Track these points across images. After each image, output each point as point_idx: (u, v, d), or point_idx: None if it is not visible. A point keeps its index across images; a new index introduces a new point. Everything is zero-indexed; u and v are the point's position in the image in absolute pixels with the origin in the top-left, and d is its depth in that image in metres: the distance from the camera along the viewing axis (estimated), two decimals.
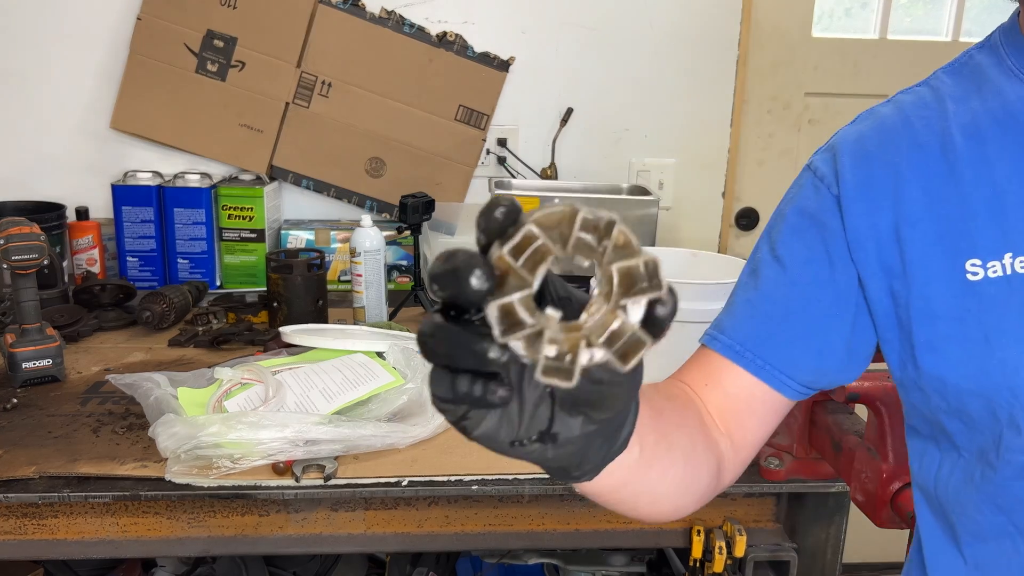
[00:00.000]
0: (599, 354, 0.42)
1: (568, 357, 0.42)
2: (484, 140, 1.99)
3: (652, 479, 0.67)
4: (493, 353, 0.42)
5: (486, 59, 1.96)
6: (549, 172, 2.02)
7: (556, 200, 1.56)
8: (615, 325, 0.42)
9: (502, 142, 2.01)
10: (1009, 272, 0.67)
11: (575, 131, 2.03)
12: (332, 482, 1.08)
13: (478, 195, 2.02)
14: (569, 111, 2.01)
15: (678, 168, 2.09)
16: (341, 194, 2.00)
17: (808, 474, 1.13)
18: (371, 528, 1.13)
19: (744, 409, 0.78)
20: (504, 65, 1.97)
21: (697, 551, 1.16)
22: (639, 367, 0.46)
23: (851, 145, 0.76)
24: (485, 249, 0.44)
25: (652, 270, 0.42)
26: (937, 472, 0.78)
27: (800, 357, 0.76)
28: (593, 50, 2.01)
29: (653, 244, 1.57)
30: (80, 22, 1.90)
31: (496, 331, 0.42)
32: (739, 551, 1.13)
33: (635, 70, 2.03)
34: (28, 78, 1.91)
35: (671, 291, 0.43)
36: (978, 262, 0.68)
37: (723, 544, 1.14)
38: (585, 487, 0.61)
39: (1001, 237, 0.68)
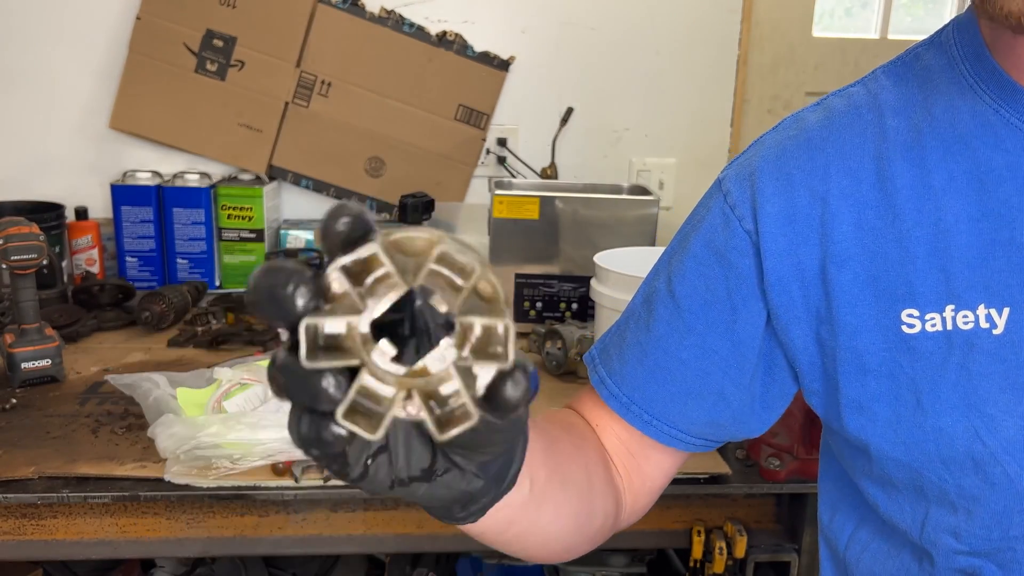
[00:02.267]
0: (415, 412, 0.36)
1: (383, 405, 0.36)
2: (484, 140, 1.99)
3: (543, 519, 0.59)
4: (325, 383, 0.35)
5: (486, 59, 1.96)
6: (549, 172, 2.01)
7: (556, 201, 1.55)
8: (448, 388, 0.36)
9: (502, 142, 2.01)
10: (950, 327, 0.58)
11: (575, 131, 2.03)
12: (332, 483, 1.08)
13: (478, 195, 2.02)
14: (569, 111, 2.01)
15: (678, 168, 2.09)
16: (341, 194, 2.00)
17: (808, 474, 1.13)
18: (371, 529, 1.13)
19: (639, 456, 0.71)
20: (504, 65, 1.97)
21: (697, 552, 1.15)
22: (522, 411, 0.38)
23: (772, 166, 0.64)
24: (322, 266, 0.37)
25: (504, 336, 0.35)
26: (851, 536, 0.70)
27: (693, 412, 0.68)
28: (593, 50, 2.01)
29: (653, 244, 1.57)
30: (79, 22, 1.89)
31: (301, 352, 0.35)
32: (740, 552, 1.13)
33: (635, 70, 2.02)
34: (27, 78, 1.91)
35: (524, 370, 0.36)
36: (915, 313, 0.59)
37: (723, 545, 1.14)
38: (470, 528, 0.54)
39: (943, 286, 0.58)
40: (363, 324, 0.36)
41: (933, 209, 0.59)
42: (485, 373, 0.36)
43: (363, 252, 0.35)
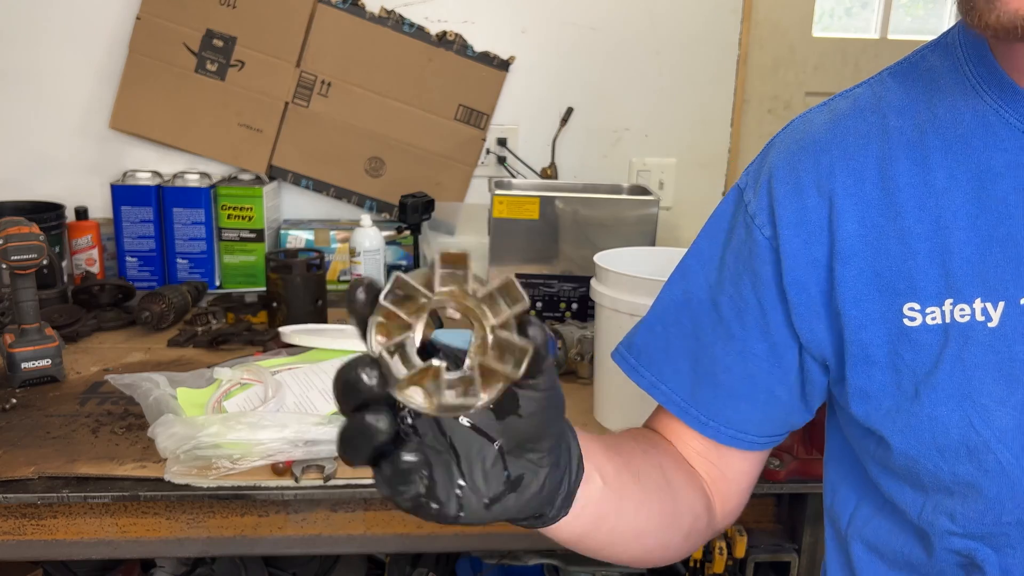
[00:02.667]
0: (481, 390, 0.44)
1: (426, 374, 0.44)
2: (484, 140, 1.99)
3: (627, 513, 0.64)
4: (382, 424, 0.44)
5: (486, 59, 1.96)
6: (549, 172, 2.01)
7: (556, 201, 1.55)
8: (492, 320, 0.44)
9: (502, 142, 2.01)
10: (948, 320, 0.60)
11: (575, 131, 2.03)
12: (332, 483, 1.08)
13: (478, 195, 2.02)
14: (569, 111, 2.01)
15: (678, 168, 2.09)
16: (341, 194, 2.00)
17: (809, 474, 1.13)
18: (371, 529, 1.13)
19: (718, 462, 0.74)
20: (504, 65, 1.97)
21: (697, 552, 1.15)
22: (555, 384, 0.49)
23: (783, 171, 0.68)
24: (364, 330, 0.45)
25: (515, 284, 0.44)
26: (853, 513, 0.72)
27: (747, 413, 0.71)
28: (593, 50, 2.01)
29: (653, 244, 1.57)
30: (79, 22, 1.89)
31: (397, 375, 0.44)
32: (739, 552, 1.13)
33: (635, 70, 2.02)
34: (27, 78, 1.91)
35: (537, 322, 0.45)
36: (916, 307, 0.61)
37: (723, 545, 1.14)
38: (563, 532, 0.59)
39: (943, 280, 0.60)
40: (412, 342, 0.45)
41: (934, 207, 0.61)
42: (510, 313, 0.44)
43: (389, 285, 0.44)
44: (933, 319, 0.61)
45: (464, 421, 0.48)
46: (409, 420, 0.49)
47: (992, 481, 0.59)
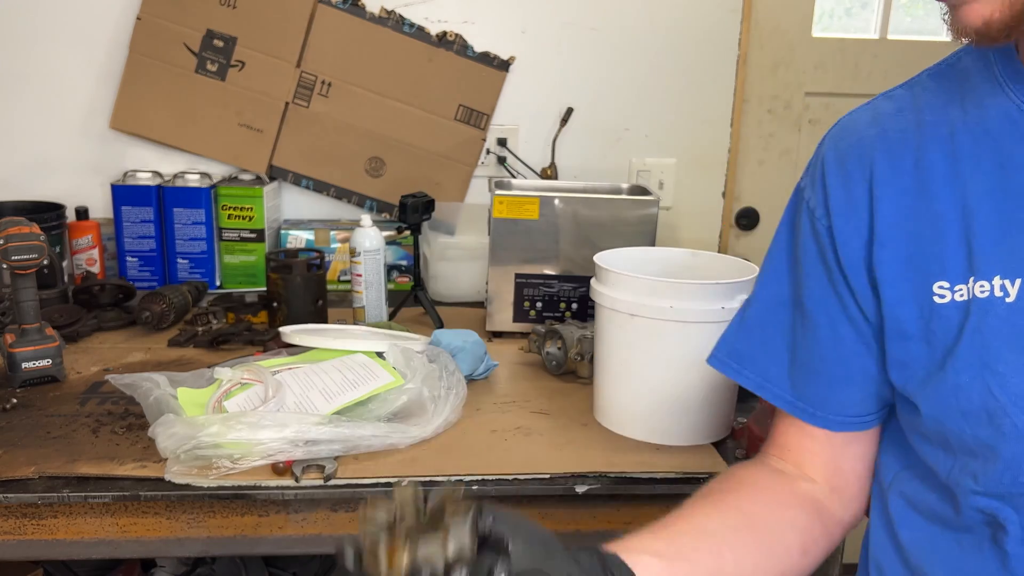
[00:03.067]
0: None
1: None
2: (484, 140, 1.99)
3: (706, 564, 0.71)
4: None
5: (486, 59, 1.96)
6: (549, 172, 2.02)
7: (556, 201, 1.55)
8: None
9: (502, 142, 2.01)
10: (970, 296, 0.67)
11: (575, 131, 2.03)
12: (332, 482, 1.08)
13: (478, 195, 2.02)
14: (569, 111, 2.01)
15: (678, 168, 2.09)
16: (341, 194, 2.00)
17: None
18: None
19: (836, 457, 0.81)
20: (504, 65, 1.97)
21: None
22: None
23: (834, 166, 0.76)
24: None
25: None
26: (896, 474, 0.78)
27: (846, 396, 0.78)
28: (593, 50, 2.01)
29: (653, 244, 1.57)
30: (80, 22, 1.90)
31: None
32: None
33: (635, 70, 2.03)
34: (28, 78, 1.91)
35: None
36: (946, 285, 0.68)
37: None
38: None
39: (967, 260, 0.67)
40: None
41: (961, 194, 0.68)
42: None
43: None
44: (960, 296, 0.67)
45: None
46: None
47: (1009, 443, 0.64)
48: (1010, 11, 0.59)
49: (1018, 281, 0.65)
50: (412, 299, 1.70)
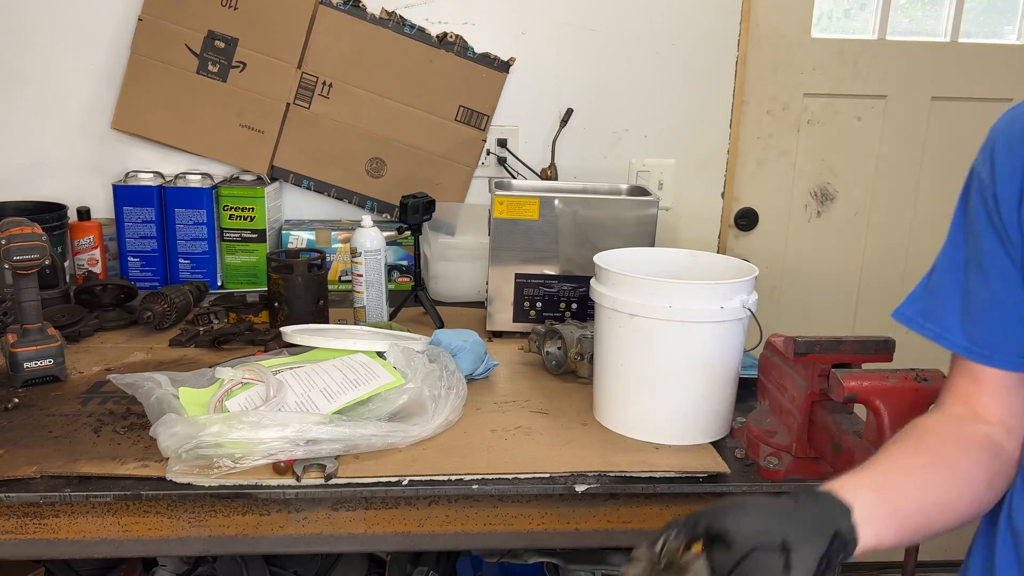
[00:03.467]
0: None
1: None
2: (484, 140, 1.99)
3: (912, 496, 0.82)
4: None
5: (486, 60, 1.96)
6: (549, 172, 2.02)
7: (556, 201, 1.56)
8: None
9: (502, 142, 2.01)
10: None
11: (575, 131, 2.04)
12: (333, 481, 1.09)
13: (478, 195, 2.02)
14: (569, 111, 2.01)
15: (678, 168, 2.09)
16: (342, 194, 2.00)
17: (807, 474, 1.13)
18: (371, 527, 1.14)
19: (1005, 392, 0.89)
20: (504, 66, 1.97)
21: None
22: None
23: (1003, 142, 0.86)
24: None
25: None
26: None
27: (1021, 338, 0.87)
28: (593, 50, 2.01)
29: (652, 244, 1.57)
30: (81, 23, 1.90)
31: None
32: None
33: (635, 70, 2.03)
34: (29, 79, 1.92)
35: None
36: None
37: None
38: (882, 546, 0.76)
39: None
40: None
41: None
42: None
43: None
44: None
45: None
46: None
47: None
48: None
49: None
50: (412, 299, 1.71)
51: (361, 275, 1.60)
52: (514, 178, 1.99)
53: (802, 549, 0.69)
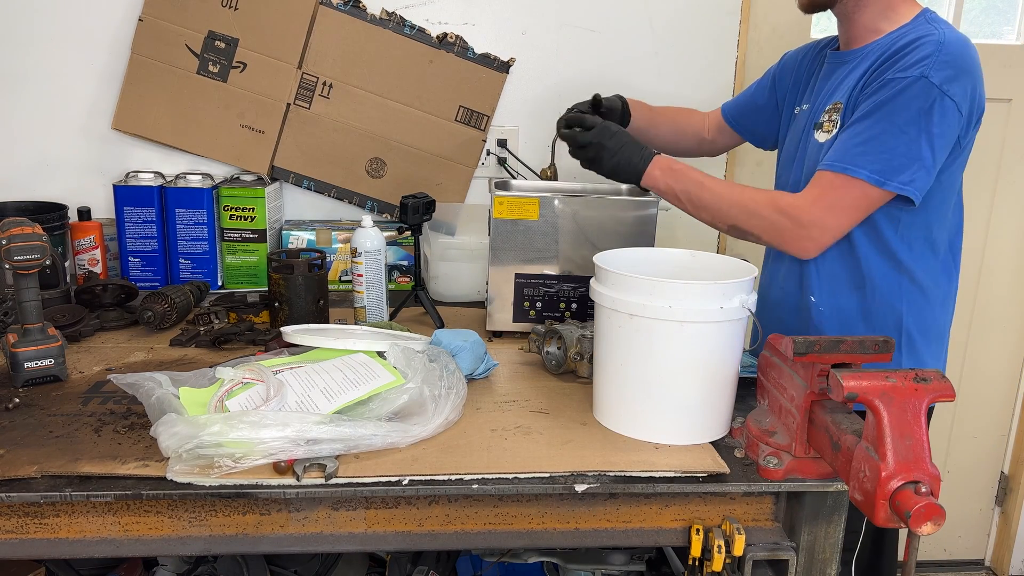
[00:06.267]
0: None
1: None
2: (484, 141, 1.99)
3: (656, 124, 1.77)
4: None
5: (486, 60, 1.96)
6: (549, 173, 2.02)
7: (556, 202, 1.56)
8: None
9: (502, 143, 2.01)
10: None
11: None
12: (333, 481, 1.09)
13: (478, 196, 2.02)
14: None
15: None
16: (342, 195, 2.01)
17: (807, 473, 1.13)
18: (372, 527, 1.14)
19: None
20: (504, 66, 1.97)
21: (696, 550, 1.16)
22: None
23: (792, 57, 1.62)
24: None
25: None
26: None
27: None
28: (593, 50, 2.01)
29: (652, 244, 1.57)
30: (82, 23, 1.90)
31: None
32: (738, 550, 1.14)
33: (635, 70, 2.03)
34: (30, 79, 1.92)
35: None
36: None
37: (722, 543, 1.14)
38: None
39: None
40: None
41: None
42: None
43: None
44: None
45: None
46: None
47: None
48: None
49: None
50: (413, 299, 1.71)
51: (361, 275, 1.61)
52: (514, 178, 1.99)
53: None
